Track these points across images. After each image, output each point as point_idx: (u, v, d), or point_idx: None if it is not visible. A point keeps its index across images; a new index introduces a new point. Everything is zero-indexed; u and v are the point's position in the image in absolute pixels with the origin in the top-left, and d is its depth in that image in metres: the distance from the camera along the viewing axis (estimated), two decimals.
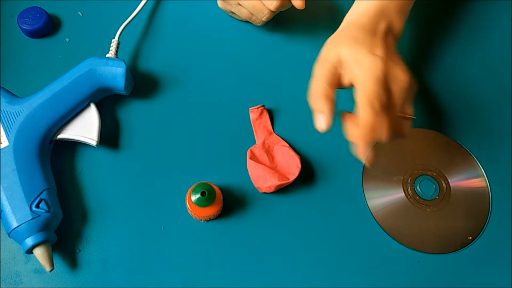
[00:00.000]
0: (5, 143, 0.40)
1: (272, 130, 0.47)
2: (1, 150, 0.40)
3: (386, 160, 0.47)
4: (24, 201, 0.39)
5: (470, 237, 0.44)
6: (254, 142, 0.47)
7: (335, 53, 0.38)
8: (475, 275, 0.42)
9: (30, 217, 0.38)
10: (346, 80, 0.38)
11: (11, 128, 0.41)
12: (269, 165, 0.44)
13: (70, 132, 0.43)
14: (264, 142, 0.46)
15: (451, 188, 0.46)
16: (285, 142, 0.46)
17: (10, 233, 0.39)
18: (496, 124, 0.50)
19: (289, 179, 0.43)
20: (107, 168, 0.45)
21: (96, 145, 0.43)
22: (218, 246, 0.43)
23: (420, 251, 0.43)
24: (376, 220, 0.44)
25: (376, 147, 0.47)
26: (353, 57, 0.37)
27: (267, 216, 0.44)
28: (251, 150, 0.45)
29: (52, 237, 0.40)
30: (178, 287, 0.41)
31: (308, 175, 0.46)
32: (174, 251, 0.42)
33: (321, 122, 0.38)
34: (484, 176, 0.47)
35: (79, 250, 0.42)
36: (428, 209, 0.45)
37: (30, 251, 0.39)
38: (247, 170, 0.44)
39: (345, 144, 0.47)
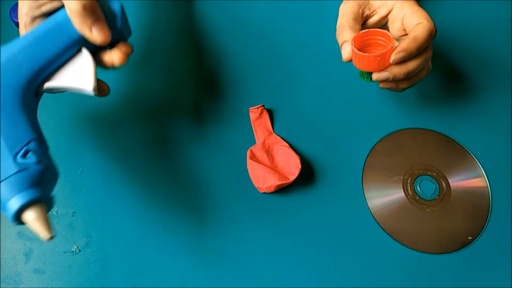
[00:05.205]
0: None
1: (272, 130, 0.47)
2: None
3: (386, 160, 0.47)
4: (6, 152, 0.30)
5: (470, 237, 0.44)
6: (254, 142, 0.47)
7: None
8: (475, 275, 0.42)
9: (15, 170, 0.30)
10: (375, 19, 0.44)
11: None
12: (269, 165, 0.44)
13: (60, 80, 0.36)
14: (264, 142, 0.46)
15: (451, 188, 0.46)
16: (285, 142, 0.46)
17: None
18: (496, 124, 0.50)
19: (289, 179, 0.43)
20: (107, 168, 0.45)
21: (94, 91, 0.36)
22: (218, 246, 0.42)
23: (420, 251, 0.43)
24: (376, 220, 0.44)
25: (377, 147, 0.47)
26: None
27: (267, 216, 0.44)
28: (251, 150, 0.45)
29: (47, 197, 0.31)
30: (178, 287, 0.41)
31: (308, 175, 0.46)
32: (174, 251, 0.42)
33: (346, 49, 0.40)
34: (484, 176, 0.47)
35: (79, 250, 0.42)
36: (428, 209, 0.45)
37: (18, 217, 0.30)
38: (247, 170, 0.44)
39: (345, 144, 0.48)
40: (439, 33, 0.55)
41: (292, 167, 0.44)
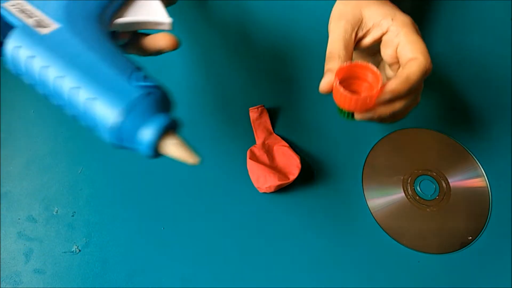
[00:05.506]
0: (52, 26, 0.27)
1: (272, 130, 0.47)
2: (51, 34, 0.26)
3: (386, 160, 0.47)
4: (120, 77, 0.25)
5: (470, 237, 0.44)
6: (254, 142, 0.47)
7: (357, 12, 0.37)
8: (475, 275, 0.42)
9: (141, 92, 0.25)
10: (368, 41, 0.38)
11: (54, 8, 0.28)
12: (269, 165, 0.44)
13: (135, 14, 0.32)
14: (264, 142, 0.46)
15: (451, 188, 0.46)
16: (285, 142, 0.46)
17: (115, 126, 0.25)
18: (496, 124, 0.50)
19: (289, 179, 0.43)
20: (106, 168, 0.45)
21: (170, 25, 0.32)
22: (218, 246, 0.42)
23: (420, 251, 0.43)
24: (376, 220, 0.44)
25: (377, 147, 0.47)
26: (402, 22, 0.36)
27: (267, 216, 0.44)
28: (251, 150, 0.45)
29: (178, 122, 0.27)
30: (178, 287, 0.41)
31: (308, 175, 0.46)
32: (174, 251, 0.42)
33: (326, 79, 0.35)
34: (484, 176, 0.47)
35: (79, 250, 0.42)
36: (428, 209, 0.45)
37: (155, 147, 0.25)
38: (247, 170, 0.44)
39: (345, 144, 0.48)
40: (439, 33, 0.55)
41: (292, 167, 0.44)
